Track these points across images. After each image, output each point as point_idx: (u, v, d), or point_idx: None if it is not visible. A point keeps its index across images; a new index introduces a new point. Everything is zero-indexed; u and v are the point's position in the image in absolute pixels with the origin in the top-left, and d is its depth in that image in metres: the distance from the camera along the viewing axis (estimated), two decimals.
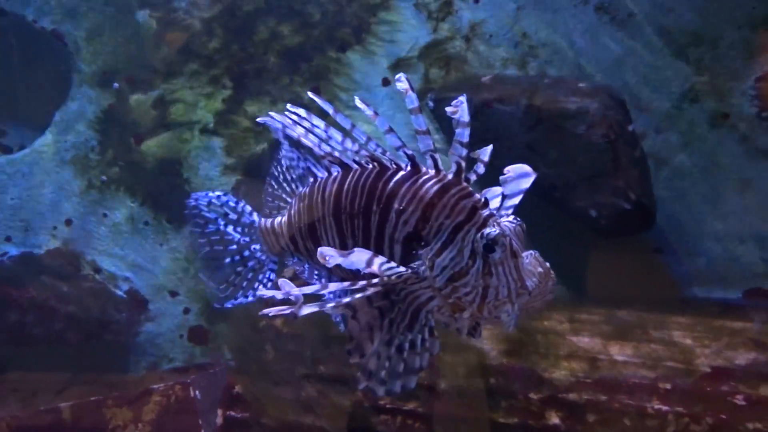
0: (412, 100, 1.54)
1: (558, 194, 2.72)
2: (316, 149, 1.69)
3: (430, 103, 3.44)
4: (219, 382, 2.35)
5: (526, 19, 3.44)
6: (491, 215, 1.53)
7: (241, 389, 2.03)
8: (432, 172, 1.59)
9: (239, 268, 2.02)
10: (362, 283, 1.49)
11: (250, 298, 2.00)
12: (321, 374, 1.98)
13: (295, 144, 1.87)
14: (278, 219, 1.96)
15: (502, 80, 3.19)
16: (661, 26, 3.34)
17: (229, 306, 2.00)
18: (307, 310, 1.46)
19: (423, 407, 1.81)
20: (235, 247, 2.02)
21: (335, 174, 1.75)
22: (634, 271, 3.34)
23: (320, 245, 1.68)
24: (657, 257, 3.42)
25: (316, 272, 1.91)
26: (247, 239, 2.01)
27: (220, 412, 2.02)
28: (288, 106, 1.72)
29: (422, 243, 1.56)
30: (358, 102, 1.60)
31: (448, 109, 1.54)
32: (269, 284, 1.99)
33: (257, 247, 2.00)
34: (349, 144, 1.65)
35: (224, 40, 3.56)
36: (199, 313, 3.61)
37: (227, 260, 2.03)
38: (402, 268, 1.52)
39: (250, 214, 2.04)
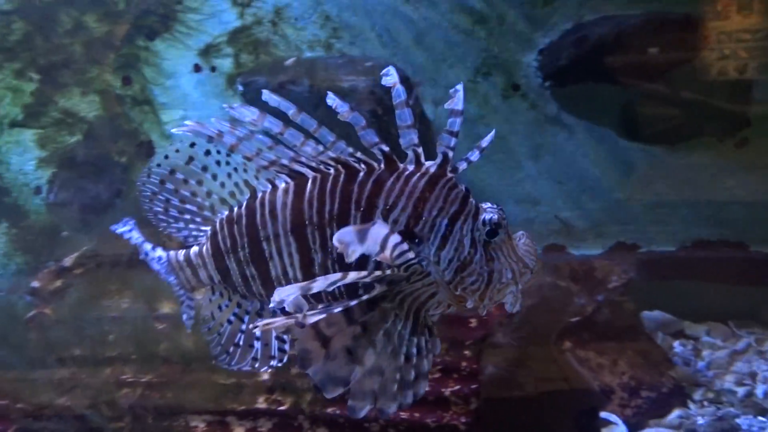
0: (399, 94, 1.48)
1: None
2: (257, 160, 1.49)
3: (240, 87, 3.53)
4: None
5: (329, 2, 3.57)
6: (478, 203, 1.49)
7: (1, 376, 2.10)
8: (411, 166, 1.49)
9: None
10: (376, 273, 1.39)
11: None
12: (75, 356, 2.06)
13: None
14: (194, 249, 1.72)
15: (302, 62, 3.31)
16: (453, 5, 3.54)
17: None
18: (314, 317, 1.35)
19: (159, 378, 1.93)
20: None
21: (284, 185, 1.56)
22: None
23: (269, 268, 1.57)
24: None
25: (250, 304, 1.72)
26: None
27: None
28: (225, 105, 1.49)
29: (416, 240, 1.48)
30: (330, 99, 1.48)
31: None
32: (188, 323, 1.78)
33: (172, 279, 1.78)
34: (309, 148, 1.49)
35: (26, 31, 3.51)
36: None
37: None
38: (412, 253, 1.41)
39: (153, 249, 1.80)
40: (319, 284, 1.35)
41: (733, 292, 3.47)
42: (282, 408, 1.77)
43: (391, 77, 1.48)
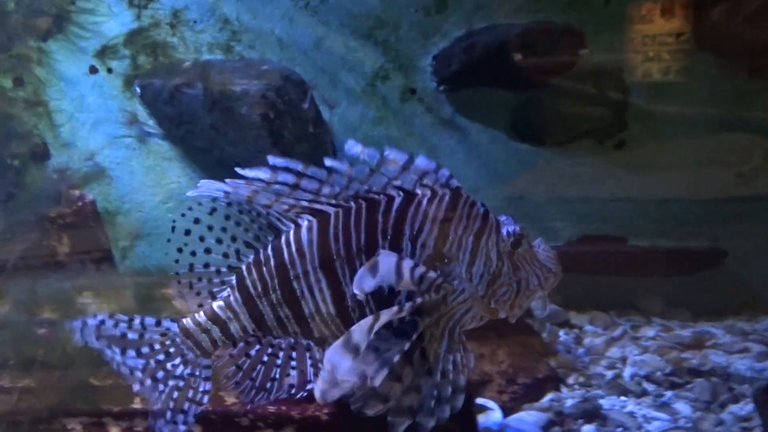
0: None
1: None
2: (277, 206, 1.54)
3: (137, 89, 3.52)
4: None
5: (227, 5, 3.60)
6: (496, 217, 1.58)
7: None
8: (429, 192, 1.54)
9: (159, 389, 1.67)
10: (408, 305, 1.45)
11: (182, 427, 1.65)
12: None
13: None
14: (218, 303, 1.66)
15: (198, 65, 3.33)
16: (349, 11, 3.64)
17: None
18: (380, 377, 1.41)
19: (36, 383, 1.94)
20: (140, 374, 1.66)
21: (307, 223, 1.59)
22: None
23: (302, 307, 1.59)
24: None
25: (284, 342, 1.67)
26: (161, 357, 1.66)
27: None
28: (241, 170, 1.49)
29: (446, 260, 1.54)
30: (350, 146, 1.47)
31: None
32: (205, 398, 1.67)
33: (176, 362, 1.66)
34: (327, 190, 1.51)
35: None
36: None
37: (136, 388, 1.68)
38: (433, 273, 1.48)
39: (157, 324, 1.67)
40: (358, 336, 1.37)
41: (615, 283, 3.73)
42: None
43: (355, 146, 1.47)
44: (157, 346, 1.66)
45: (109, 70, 3.57)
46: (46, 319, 2.08)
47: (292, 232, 1.61)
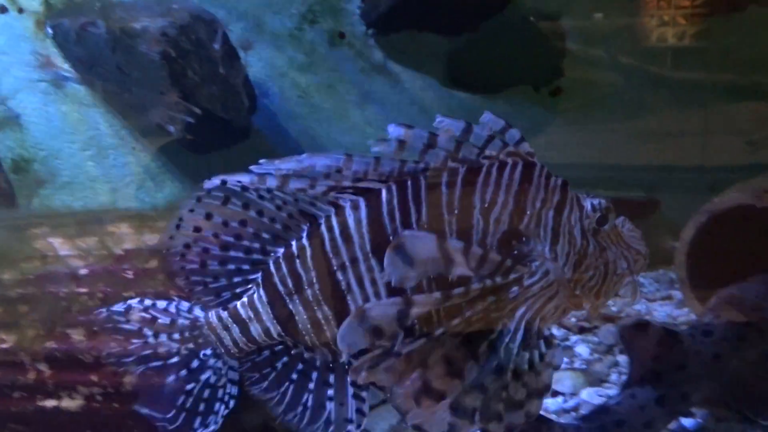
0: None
1: (148, 114, 2.83)
2: (312, 191, 1.33)
3: (49, 30, 3.35)
4: None
5: None
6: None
7: None
8: (497, 161, 1.32)
9: (190, 386, 1.51)
10: (457, 291, 1.23)
11: (213, 427, 1.50)
12: None
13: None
14: (242, 301, 1.46)
15: (106, 4, 3.17)
16: None
17: None
18: (414, 346, 1.23)
19: None
20: (177, 359, 1.50)
21: (352, 202, 1.35)
22: None
23: (347, 304, 1.35)
24: None
25: (318, 358, 1.48)
26: (191, 346, 1.50)
27: None
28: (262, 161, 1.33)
29: (523, 239, 1.32)
30: (392, 131, 1.31)
31: None
32: (231, 402, 1.52)
33: (208, 352, 1.50)
34: (373, 172, 1.31)
35: None
36: None
37: (171, 378, 1.50)
38: (496, 254, 1.25)
39: (189, 310, 1.50)
40: (377, 313, 1.20)
41: None
42: (4, 346, 1.74)
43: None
44: (187, 334, 1.51)
45: (20, 10, 3.39)
46: None
47: (333, 216, 1.38)
